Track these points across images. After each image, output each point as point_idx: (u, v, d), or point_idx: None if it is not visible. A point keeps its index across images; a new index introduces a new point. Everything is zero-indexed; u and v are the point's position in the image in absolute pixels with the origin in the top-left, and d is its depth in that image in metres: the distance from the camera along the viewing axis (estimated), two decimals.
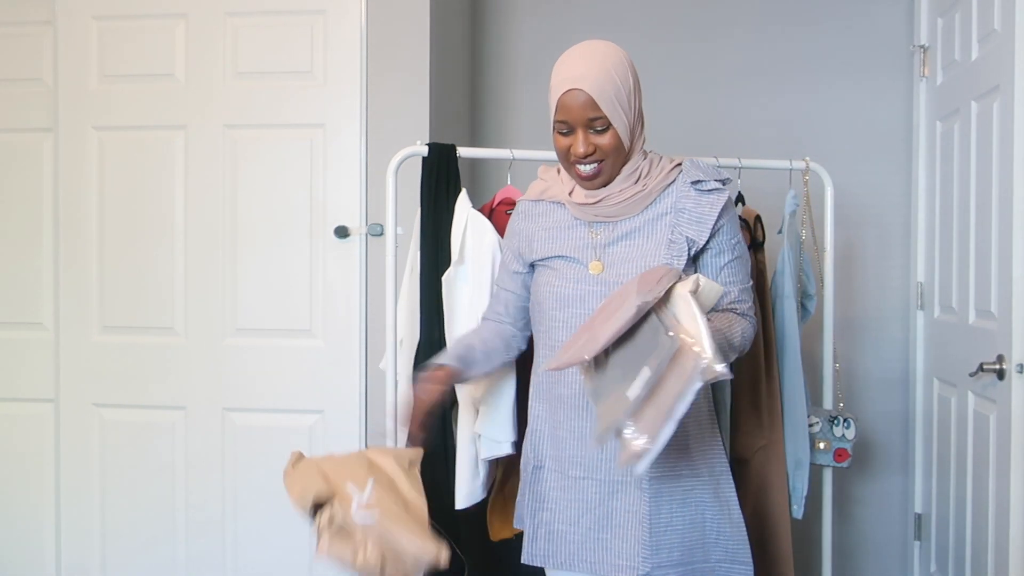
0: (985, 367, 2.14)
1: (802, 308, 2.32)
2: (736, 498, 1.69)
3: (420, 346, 2.05)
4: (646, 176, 1.64)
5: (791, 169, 2.31)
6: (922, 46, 2.78)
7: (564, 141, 1.61)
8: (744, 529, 1.67)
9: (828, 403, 2.41)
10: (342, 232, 2.56)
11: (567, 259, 1.66)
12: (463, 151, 2.12)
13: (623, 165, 1.63)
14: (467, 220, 2.00)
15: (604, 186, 1.63)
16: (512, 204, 2.14)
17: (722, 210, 1.62)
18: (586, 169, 1.61)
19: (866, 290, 2.99)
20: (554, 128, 1.62)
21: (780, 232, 2.28)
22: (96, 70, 2.66)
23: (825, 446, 2.28)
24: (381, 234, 2.54)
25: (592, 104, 1.55)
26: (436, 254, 2.04)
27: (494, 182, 2.97)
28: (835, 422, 2.29)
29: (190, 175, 2.63)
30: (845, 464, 2.30)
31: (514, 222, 1.80)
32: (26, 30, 2.76)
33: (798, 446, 2.20)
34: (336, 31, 2.57)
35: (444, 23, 2.74)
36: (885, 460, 2.97)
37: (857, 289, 2.99)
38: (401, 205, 2.14)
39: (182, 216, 2.64)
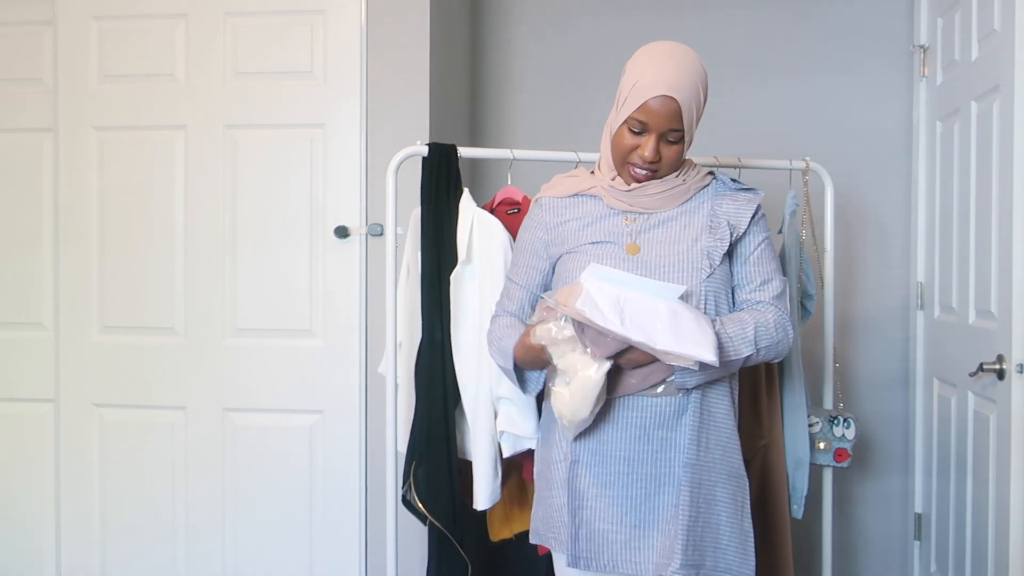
0: (985, 367, 2.14)
1: (802, 308, 2.32)
2: (749, 506, 1.67)
3: (422, 346, 2.05)
4: (685, 173, 1.68)
5: (791, 169, 2.30)
6: (922, 46, 2.77)
7: (631, 140, 1.61)
8: (751, 539, 1.64)
9: (828, 403, 2.41)
10: (342, 232, 2.56)
11: (602, 243, 1.65)
12: (463, 151, 2.12)
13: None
14: (473, 219, 2.00)
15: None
16: (512, 204, 2.14)
17: (758, 207, 1.69)
18: (642, 173, 1.63)
19: (866, 290, 2.99)
20: (624, 123, 1.60)
21: (780, 232, 2.28)
22: (96, 70, 2.66)
23: (825, 446, 2.28)
24: (381, 234, 2.54)
25: (678, 116, 1.57)
26: (438, 254, 2.03)
27: (494, 182, 2.97)
28: (835, 422, 2.29)
29: (190, 175, 2.63)
30: (845, 464, 2.30)
31: (538, 215, 1.76)
32: (26, 30, 2.76)
33: (798, 446, 2.20)
34: (336, 31, 2.57)
35: (444, 23, 2.74)
36: (885, 460, 2.97)
37: (857, 289, 2.99)
38: (401, 205, 2.14)
39: (182, 216, 2.64)
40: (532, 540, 1.74)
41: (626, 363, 1.54)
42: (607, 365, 1.51)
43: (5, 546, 2.80)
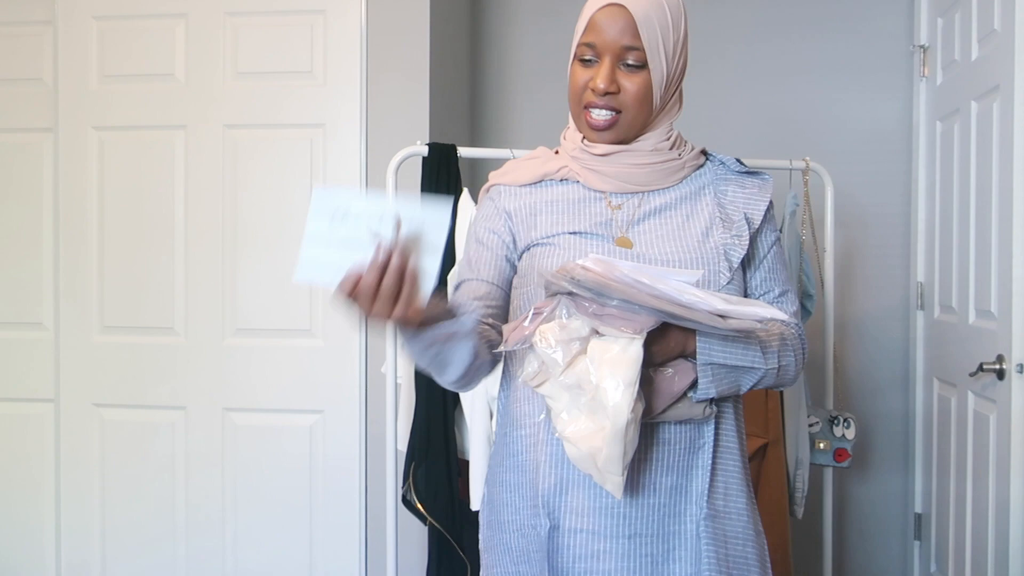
0: (985, 367, 2.14)
1: (802, 308, 2.32)
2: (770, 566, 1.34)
3: None
4: (680, 147, 1.36)
5: (791, 169, 2.31)
6: (922, 46, 2.78)
7: (583, 73, 1.29)
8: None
9: (828, 403, 2.41)
10: None
11: (583, 235, 1.29)
12: (463, 151, 2.12)
13: (642, 129, 1.32)
14: (471, 219, 2.00)
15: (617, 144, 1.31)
16: None
17: (770, 198, 1.36)
18: (599, 114, 1.28)
19: (866, 290, 2.99)
20: (574, 56, 1.30)
21: (780, 232, 2.28)
22: (96, 70, 2.66)
23: (825, 446, 2.28)
24: None
25: (632, 29, 1.25)
26: None
27: None
28: (835, 422, 2.29)
29: (190, 175, 2.63)
30: (845, 464, 2.30)
31: (494, 204, 1.38)
32: (26, 30, 2.76)
33: (798, 446, 2.20)
34: (336, 31, 2.57)
35: (444, 23, 2.74)
36: (885, 460, 2.97)
37: (857, 289, 2.99)
38: None
39: (182, 216, 2.64)
40: None
41: (659, 351, 1.16)
42: (642, 338, 1.12)
43: (6, 546, 2.80)
